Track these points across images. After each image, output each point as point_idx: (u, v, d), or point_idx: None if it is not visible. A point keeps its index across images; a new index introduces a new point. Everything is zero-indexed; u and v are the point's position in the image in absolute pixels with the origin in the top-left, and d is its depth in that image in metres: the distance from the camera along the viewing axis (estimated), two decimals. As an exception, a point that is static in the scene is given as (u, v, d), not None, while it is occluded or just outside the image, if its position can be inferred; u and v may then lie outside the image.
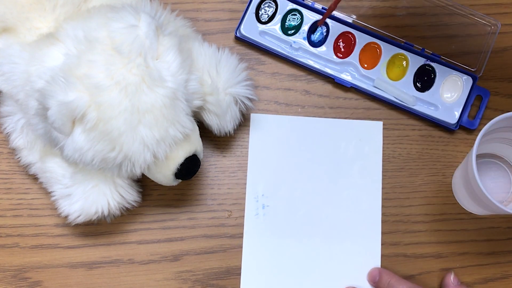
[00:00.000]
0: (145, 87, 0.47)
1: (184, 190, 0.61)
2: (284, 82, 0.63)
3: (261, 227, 0.60)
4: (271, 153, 0.61)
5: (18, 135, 0.57)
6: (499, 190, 0.61)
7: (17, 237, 0.60)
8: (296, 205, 0.61)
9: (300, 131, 0.62)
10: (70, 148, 0.48)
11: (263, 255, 0.60)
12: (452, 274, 0.58)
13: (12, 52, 0.52)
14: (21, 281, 0.59)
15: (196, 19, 0.64)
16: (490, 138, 0.57)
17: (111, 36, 0.47)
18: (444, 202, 0.61)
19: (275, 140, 0.62)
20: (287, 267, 0.59)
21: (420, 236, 0.60)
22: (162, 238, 0.60)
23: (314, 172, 0.61)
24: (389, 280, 0.57)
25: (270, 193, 0.61)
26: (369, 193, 0.61)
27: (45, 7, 0.54)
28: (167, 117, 0.48)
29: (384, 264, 0.60)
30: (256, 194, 0.61)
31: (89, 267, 0.59)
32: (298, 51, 0.63)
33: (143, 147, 0.48)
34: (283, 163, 0.61)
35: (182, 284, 0.59)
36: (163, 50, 0.49)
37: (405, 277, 0.59)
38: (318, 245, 0.60)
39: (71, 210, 0.54)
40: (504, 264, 0.60)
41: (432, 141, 0.62)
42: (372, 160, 0.62)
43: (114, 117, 0.46)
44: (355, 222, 0.60)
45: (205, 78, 0.54)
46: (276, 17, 0.63)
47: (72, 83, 0.46)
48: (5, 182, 0.61)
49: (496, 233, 0.61)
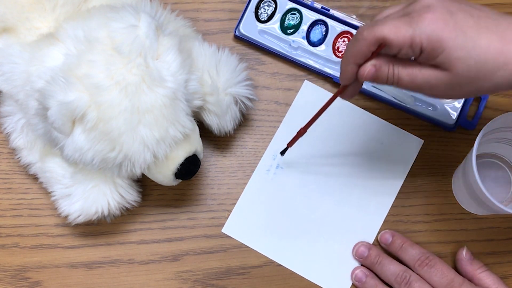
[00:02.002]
0: (145, 87, 0.47)
1: (184, 190, 0.61)
2: (284, 82, 0.63)
3: (267, 183, 0.61)
4: (306, 123, 0.61)
5: (18, 135, 0.57)
6: (499, 190, 0.61)
7: (17, 237, 0.60)
8: (308, 179, 0.61)
9: (342, 116, 0.61)
10: (70, 148, 0.49)
11: (258, 208, 0.60)
12: (464, 249, 0.58)
13: (12, 52, 0.52)
14: (21, 281, 0.59)
15: (196, 19, 0.64)
16: (490, 138, 0.57)
17: (111, 36, 0.47)
18: (444, 202, 0.61)
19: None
20: (278, 225, 0.60)
21: (420, 236, 0.60)
22: (162, 238, 0.60)
23: (338, 156, 0.61)
24: (403, 243, 0.57)
25: (288, 158, 0.61)
26: (380, 197, 0.61)
27: (45, 7, 0.54)
28: (167, 117, 0.48)
29: (384, 264, 0.60)
30: (275, 153, 0.61)
31: (89, 267, 0.59)
32: (297, 50, 0.63)
33: (143, 147, 0.48)
34: (311, 137, 0.60)
35: (182, 284, 0.59)
36: (163, 50, 0.49)
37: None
38: (314, 221, 0.60)
39: (71, 210, 0.54)
40: (504, 264, 0.60)
41: (432, 141, 0.62)
42: (396, 171, 0.61)
43: (114, 117, 0.46)
44: (356, 220, 0.60)
45: (205, 78, 0.54)
46: (276, 16, 0.63)
47: (72, 83, 0.46)
48: (5, 182, 0.61)
49: (496, 233, 0.61)
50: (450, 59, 0.41)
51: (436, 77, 0.42)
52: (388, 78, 0.44)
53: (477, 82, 0.41)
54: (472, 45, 0.40)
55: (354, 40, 0.44)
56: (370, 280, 0.57)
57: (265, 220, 0.60)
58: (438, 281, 0.55)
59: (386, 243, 0.59)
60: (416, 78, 0.43)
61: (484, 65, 0.40)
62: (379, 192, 0.61)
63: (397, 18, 0.42)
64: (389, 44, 0.42)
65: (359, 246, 0.59)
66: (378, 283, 0.57)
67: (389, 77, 0.44)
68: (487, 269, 0.56)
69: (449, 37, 0.40)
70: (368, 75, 0.44)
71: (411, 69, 0.43)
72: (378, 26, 0.42)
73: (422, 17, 0.41)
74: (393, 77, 0.44)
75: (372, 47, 0.43)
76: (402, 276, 0.55)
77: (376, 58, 0.44)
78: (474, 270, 0.56)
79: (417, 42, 0.41)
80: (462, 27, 0.40)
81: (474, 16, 0.41)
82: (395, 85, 0.45)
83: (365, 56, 0.44)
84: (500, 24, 0.41)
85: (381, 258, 0.57)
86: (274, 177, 0.61)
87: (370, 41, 0.42)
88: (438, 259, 0.56)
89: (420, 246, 0.57)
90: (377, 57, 0.44)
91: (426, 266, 0.55)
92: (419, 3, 0.42)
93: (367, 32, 0.42)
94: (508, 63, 0.40)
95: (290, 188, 0.61)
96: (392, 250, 0.58)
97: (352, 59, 0.44)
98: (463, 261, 0.57)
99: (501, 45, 0.40)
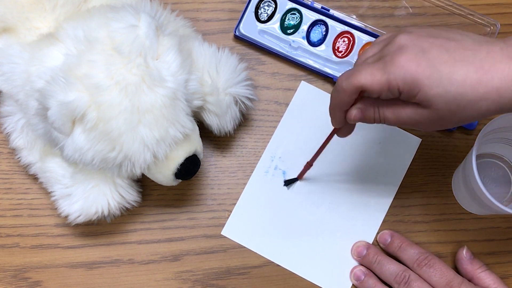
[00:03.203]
0: (145, 87, 0.47)
1: (184, 190, 0.61)
2: (284, 82, 0.63)
3: (267, 184, 0.61)
4: (303, 124, 0.62)
5: (18, 135, 0.57)
6: (499, 190, 0.61)
7: (17, 237, 0.60)
8: (306, 181, 0.61)
9: None
10: (70, 148, 0.49)
11: (257, 209, 0.60)
12: (464, 249, 0.58)
13: (12, 52, 0.52)
14: (21, 281, 0.59)
15: (196, 19, 0.64)
16: (490, 138, 0.57)
17: (111, 36, 0.47)
18: (444, 202, 0.61)
19: (312, 114, 0.62)
20: (278, 225, 0.60)
21: (420, 236, 0.60)
22: (162, 238, 0.60)
23: (336, 156, 0.61)
24: (401, 243, 0.57)
25: (287, 159, 0.61)
26: (379, 197, 0.61)
27: (45, 7, 0.54)
28: (167, 117, 0.48)
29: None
30: (274, 154, 0.61)
31: (89, 267, 0.59)
32: (297, 50, 0.63)
33: (143, 147, 0.48)
34: (309, 138, 0.61)
35: (182, 284, 0.59)
36: (163, 50, 0.49)
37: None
38: (313, 221, 0.60)
39: (71, 210, 0.54)
40: (504, 264, 0.60)
41: (432, 141, 0.62)
42: (395, 170, 0.61)
43: (114, 117, 0.46)
44: (355, 220, 0.60)
45: (205, 78, 0.54)
46: (276, 16, 0.63)
47: (72, 83, 0.46)
48: (5, 182, 0.61)
49: (496, 233, 0.61)
50: (427, 97, 0.41)
51: (419, 113, 0.43)
52: (374, 118, 0.46)
53: (460, 113, 0.41)
54: (448, 81, 0.40)
55: (335, 92, 0.46)
56: (368, 279, 0.57)
57: (264, 221, 0.60)
58: (437, 281, 0.55)
59: (385, 243, 0.59)
60: (401, 116, 0.44)
61: (463, 98, 0.40)
62: (378, 191, 0.61)
63: (372, 64, 0.43)
64: (368, 91, 0.43)
65: (357, 246, 0.59)
66: (377, 283, 0.57)
67: (375, 118, 0.46)
68: (487, 268, 0.56)
69: (424, 76, 0.41)
70: (355, 119, 0.46)
71: (395, 108, 0.44)
72: (355, 75, 0.43)
73: (394, 61, 0.41)
74: (379, 117, 0.46)
75: (353, 96, 0.44)
76: (401, 275, 0.55)
77: (360, 102, 0.46)
78: (474, 269, 0.56)
79: (393, 85, 0.42)
80: (435, 64, 0.41)
81: (449, 50, 0.41)
82: (382, 123, 0.46)
83: (349, 104, 0.46)
84: (478, 54, 0.41)
85: (380, 258, 0.57)
86: (273, 178, 0.61)
87: (350, 91, 0.44)
88: (437, 259, 0.56)
89: (419, 246, 0.57)
90: (361, 100, 0.46)
91: (425, 266, 0.55)
92: (393, 45, 0.43)
93: (346, 84, 0.44)
94: (488, 92, 0.40)
95: (289, 189, 0.61)
96: (391, 250, 0.58)
97: (338, 109, 0.46)
98: (463, 260, 0.57)
99: (479, 75, 0.40)
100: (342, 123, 0.48)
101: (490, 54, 0.40)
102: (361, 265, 0.59)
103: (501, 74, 0.40)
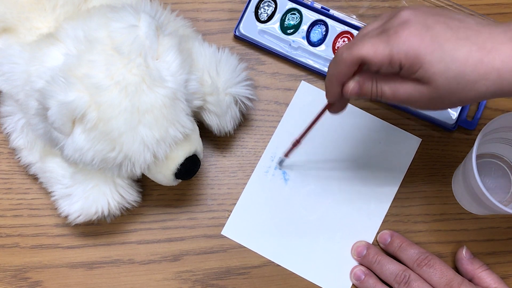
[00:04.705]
0: (145, 87, 0.47)
1: (184, 190, 0.61)
2: (284, 82, 0.63)
3: (266, 184, 0.61)
4: (303, 124, 0.61)
5: (18, 135, 0.57)
6: (499, 190, 0.61)
7: (17, 237, 0.60)
8: (307, 180, 0.61)
9: (340, 116, 0.60)
10: (70, 148, 0.49)
11: (257, 209, 0.60)
12: (464, 248, 0.58)
13: (12, 52, 0.52)
14: (21, 281, 0.59)
15: (196, 19, 0.64)
16: (490, 138, 0.57)
17: (111, 36, 0.47)
18: (444, 202, 0.61)
19: (312, 114, 0.61)
20: (278, 225, 0.60)
21: (420, 236, 0.60)
22: (162, 238, 0.60)
23: (336, 156, 0.61)
24: (401, 243, 0.57)
25: (287, 159, 0.61)
26: (379, 197, 0.61)
27: (45, 7, 0.54)
28: (167, 117, 0.48)
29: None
30: (274, 154, 0.61)
31: (89, 267, 0.59)
32: (297, 50, 0.63)
33: (143, 147, 0.48)
34: (310, 137, 0.60)
35: (182, 284, 0.59)
36: (163, 50, 0.49)
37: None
38: (313, 221, 0.60)
39: (71, 210, 0.54)
40: (504, 264, 0.60)
41: (432, 141, 0.62)
42: (395, 170, 0.61)
43: (114, 117, 0.46)
44: (355, 220, 0.60)
45: (205, 78, 0.54)
46: (275, 16, 0.63)
47: (72, 83, 0.46)
48: (5, 182, 0.61)
49: (496, 233, 0.61)
50: (428, 73, 0.41)
51: (418, 90, 0.42)
52: (372, 93, 0.45)
53: (459, 93, 0.41)
54: (450, 58, 0.40)
55: (334, 62, 0.45)
56: (368, 279, 0.57)
57: (264, 221, 0.60)
58: (438, 280, 0.55)
59: (385, 243, 0.59)
60: (399, 92, 0.44)
61: (464, 77, 0.40)
62: (378, 191, 0.61)
63: (375, 36, 0.43)
64: (369, 63, 0.42)
65: (357, 245, 0.59)
66: (376, 282, 0.57)
67: (372, 93, 0.45)
68: (487, 268, 0.56)
69: (426, 52, 0.40)
70: (352, 92, 0.45)
71: (393, 84, 0.44)
72: (357, 46, 0.42)
73: (398, 34, 0.41)
74: (376, 92, 0.45)
75: (352, 68, 0.43)
76: (401, 275, 0.55)
77: (359, 75, 0.45)
78: (474, 269, 0.56)
79: (395, 59, 0.41)
80: (439, 40, 0.40)
81: (452, 28, 0.41)
82: (379, 99, 0.45)
83: (347, 76, 0.45)
84: (480, 34, 0.40)
85: (379, 258, 0.57)
86: (273, 178, 0.61)
87: (350, 62, 0.43)
88: (437, 258, 0.56)
89: (419, 246, 0.57)
90: (360, 73, 0.45)
91: (425, 266, 0.55)
92: (396, 19, 0.42)
93: (346, 54, 0.43)
94: (489, 72, 0.40)
95: (290, 188, 0.61)
96: (391, 250, 0.58)
97: (335, 80, 0.45)
98: (463, 260, 0.57)
99: (481, 55, 0.40)
100: (337, 97, 0.47)
101: (493, 36, 0.40)
102: (361, 265, 0.59)
103: (503, 55, 0.39)
